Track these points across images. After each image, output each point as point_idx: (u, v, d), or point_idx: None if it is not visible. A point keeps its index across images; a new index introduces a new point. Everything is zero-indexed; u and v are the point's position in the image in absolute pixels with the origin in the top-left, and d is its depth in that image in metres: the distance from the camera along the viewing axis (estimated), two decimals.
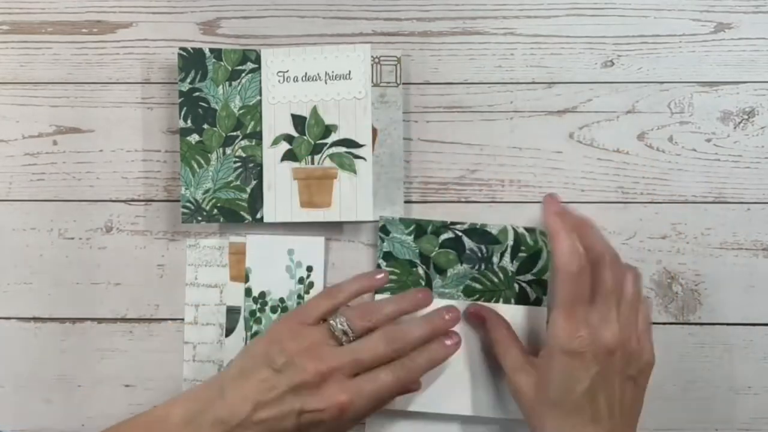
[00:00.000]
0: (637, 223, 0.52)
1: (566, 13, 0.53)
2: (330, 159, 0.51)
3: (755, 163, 0.52)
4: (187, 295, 0.52)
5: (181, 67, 0.51)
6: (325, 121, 0.51)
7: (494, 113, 0.52)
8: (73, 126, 0.53)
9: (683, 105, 0.52)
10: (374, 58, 0.52)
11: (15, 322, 0.52)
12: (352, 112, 0.51)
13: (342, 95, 0.51)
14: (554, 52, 0.52)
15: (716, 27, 0.52)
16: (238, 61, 0.51)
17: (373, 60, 0.51)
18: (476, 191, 0.52)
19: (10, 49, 0.53)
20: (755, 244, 0.52)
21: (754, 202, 0.52)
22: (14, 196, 0.53)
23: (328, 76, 0.51)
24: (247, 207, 0.51)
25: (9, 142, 0.53)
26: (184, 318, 0.52)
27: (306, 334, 0.45)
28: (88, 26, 0.53)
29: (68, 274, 0.52)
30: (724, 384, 0.51)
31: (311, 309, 0.47)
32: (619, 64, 0.52)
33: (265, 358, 0.44)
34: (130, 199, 0.53)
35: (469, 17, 0.53)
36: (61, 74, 0.53)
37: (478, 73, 0.52)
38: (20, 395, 0.52)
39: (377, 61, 0.52)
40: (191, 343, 0.52)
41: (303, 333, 0.45)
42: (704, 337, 0.52)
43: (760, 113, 0.52)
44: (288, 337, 0.45)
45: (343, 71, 0.51)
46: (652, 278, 0.52)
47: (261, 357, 0.44)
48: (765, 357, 0.51)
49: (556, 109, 0.52)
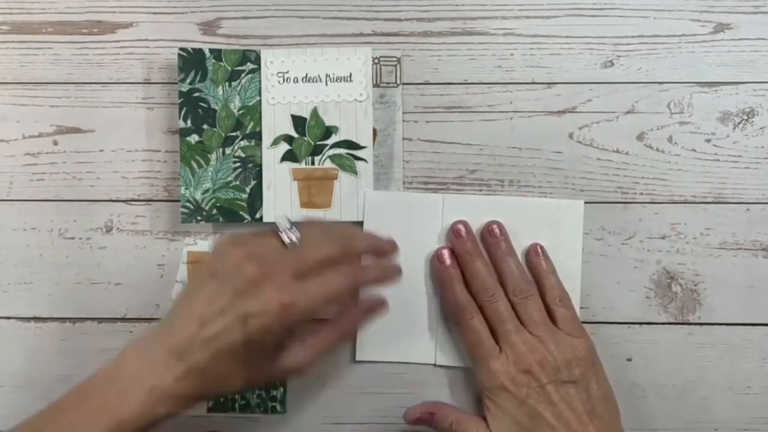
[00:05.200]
0: (637, 223, 0.52)
1: (566, 14, 0.53)
2: (330, 160, 0.51)
3: (755, 163, 0.52)
4: (174, 293, 0.52)
5: (181, 67, 0.51)
6: (325, 122, 0.51)
7: (494, 113, 0.52)
8: (74, 126, 0.53)
9: (683, 105, 0.52)
10: (374, 59, 0.52)
11: (15, 322, 0.53)
12: (353, 114, 0.51)
13: (343, 97, 0.51)
14: (554, 53, 0.52)
15: (716, 27, 0.52)
16: (237, 61, 0.51)
17: (373, 60, 0.51)
18: (476, 191, 0.52)
19: (10, 49, 0.53)
20: (755, 244, 0.52)
21: (754, 202, 0.52)
22: (14, 196, 0.53)
23: (328, 77, 0.51)
24: (246, 207, 0.51)
25: (9, 142, 0.53)
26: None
27: (250, 240, 0.43)
28: (89, 26, 0.53)
29: (68, 274, 0.52)
30: (724, 384, 0.51)
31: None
32: (619, 65, 0.52)
33: (210, 271, 0.42)
34: (131, 199, 0.53)
35: (469, 17, 0.53)
36: (61, 74, 0.53)
37: (477, 73, 0.53)
38: (20, 395, 0.52)
39: (377, 61, 0.52)
40: None
41: (247, 240, 0.43)
42: (704, 337, 0.52)
43: (759, 113, 0.52)
44: (231, 245, 0.42)
45: (344, 73, 0.51)
46: (652, 278, 0.52)
47: (206, 271, 0.42)
48: (765, 357, 0.51)
49: (555, 109, 0.52)
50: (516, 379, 0.45)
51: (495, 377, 0.46)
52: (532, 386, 0.45)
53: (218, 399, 0.51)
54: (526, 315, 0.47)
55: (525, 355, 0.45)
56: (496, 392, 0.46)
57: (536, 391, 0.45)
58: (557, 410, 0.44)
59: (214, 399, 0.51)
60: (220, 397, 0.50)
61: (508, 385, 0.45)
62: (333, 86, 0.51)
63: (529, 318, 0.47)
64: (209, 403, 0.51)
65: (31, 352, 0.52)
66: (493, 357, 0.46)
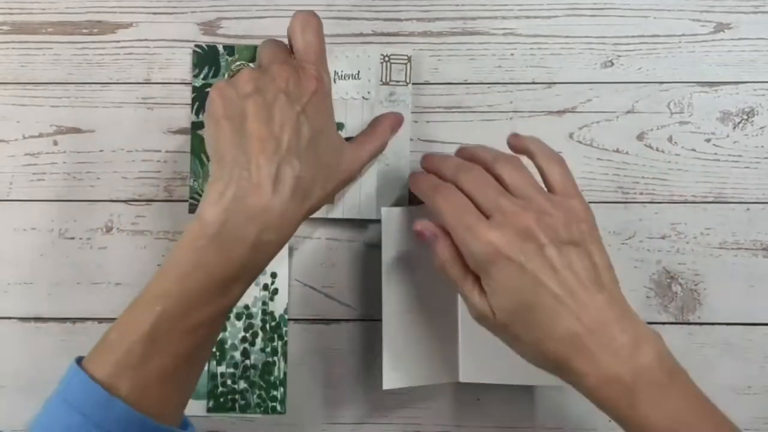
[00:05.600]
0: (637, 223, 0.52)
1: (566, 13, 0.53)
2: None
3: (755, 163, 0.52)
4: None
5: (196, 63, 0.52)
6: None
7: (494, 113, 0.52)
8: (74, 126, 0.53)
9: (683, 105, 0.52)
10: (384, 56, 0.51)
11: (15, 322, 0.52)
12: (359, 111, 0.51)
13: (350, 94, 0.51)
14: (554, 52, 0.52)
15: (716, 27, 0.52)
16: (250, 57, 0.52)
17: (383, 58, 0.51)
18: None
19: (10, 49, 0.53)
20: (755, 244, 0.52)
21: (754, 202, 0.52)
22: (14, 196, 0.53)
23: (336, 75, 0.51)
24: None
25: (9, 142, 0.53)
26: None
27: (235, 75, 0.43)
28: (89, 26, 0.53)
29: (68, 274, 0.52)
30: (724, 384, 0.51)
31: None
32: (619, 65, 0.52)
33: (235, 101, 0.41)
34: (131, 199, 0.53)
35: (469, 17, 0.53)
36: (61, 74, 0.53)
37: (478, 73, 0.53)
38: (20, 395, 0.52)
39: (387, 59, 0.52)
40: None
41: (231, 77, 0.44)
42: (704, 337, 0.52)
43: (759, 113, 0.52)
44: (227, 83, 0.42)
45: (352, 71, 0.51)
46: (652, 278, 0.52)
47: (231, 105, 0.41)
48: (765, 357, 0.51)
49: (555, 109, 0.52)
50: (511, 242, 0.39)
51: (487, 245, 0.39)
52: (530, 248, 0.39)
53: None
54: (509, 179, 0.42)
55: (518, 214, 0.39)
56: (490, 264, 0.39)
57: (536, 253, 0.39)
58: (560, 277, 0.39)
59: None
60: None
61: (503, 250, 0.39)
62: (340, 83, 0.51)
63: (512, 182, 0.41)
64: (209, 403, 0.51)
65: (31, 352, 0.52)
66: (481, 223, 0.40)
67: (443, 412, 0.52)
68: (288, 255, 0.52)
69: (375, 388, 0.52)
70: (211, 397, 0.51)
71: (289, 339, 0.52)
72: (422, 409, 0.52)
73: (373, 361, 0.52)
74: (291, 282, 0.52)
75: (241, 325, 0.52)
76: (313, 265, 0.52)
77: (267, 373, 0.51)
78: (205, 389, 0.51)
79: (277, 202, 0.39)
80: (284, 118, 0.41)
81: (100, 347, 0.40)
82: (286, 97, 0.41)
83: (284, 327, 0.52)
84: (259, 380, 0.51)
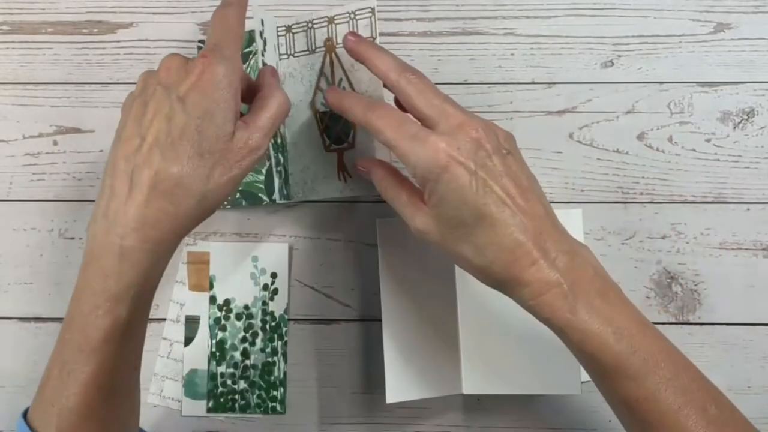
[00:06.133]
0: (637, 223, 0.52)
1: (566, 14, 0.53)
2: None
3: (755, 163, 0.52)
4: (174, 293, 0.52)
5: None
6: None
7: (494, 113, 0.52)
8: (74, 126, 0.53)
9: (683, 105, 0.52)
10: (349, 14, 0.48)
11: (15, 322, 0.53)
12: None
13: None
14: (554, 53, 0.52)
15: (716, 27, 0.52)
16: (245, 44, 0.51)
17: (350, 15, 0.48)
18: None
19: (10, 49, 0.53)
20: (755, 244, 0.52)
21: (754, 202, 0.52)
22: (14, 196, 0.53)
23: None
24: (264, 188, 0.51)
25: (9, 142, 0.53)
26: (167, 315, 0.52)
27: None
28: (89, 26, 0.53)
29: (68, 274, 0.52)
30: (724, 384, 0.51)
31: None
32: (619, 65, 0.52)
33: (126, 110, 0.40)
34: None
35: (469, 17, 0.53)
36: (61, 74, 0.53)
37: (477, 73, 0.53)
38: (20, 395, 0.52)
39: (352, 16, 0.48)
40: (169, 340, 0.52)
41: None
42: (704, 337, 0.52)
43: (759, 113, 0.52)
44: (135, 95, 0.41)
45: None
46: (652, 278, 0.52)
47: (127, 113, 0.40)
48: (765, 357, 0.51)
49: (555, 109, 0.52)
50: (464, 149, 0.38)
51: (438, 152, 0.38)
52: (480, 155, 0.38)
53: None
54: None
55: (467, 122, 0.39)
56: (442, 171, 0.38)
57: (485, 160, 0.38)
58: (503, 183, 0.38)
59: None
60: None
61: (456, 156, 0.38)
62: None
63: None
64: (209, 403, 0.51)
65: (31, 352, 0.52)
66: (426, 131, 0.39)
67: (443, 412, 0.52)
68: (288, 255, 0.52)
69: (375, 388, 0.52)
70: (211, 397, 0.51)
71: (289, 339, 0.52)
72: (422, 409, 0.52)
73: (373, 361, 0.52)
74: (291, 282, 0.52)
75: (241, 325, 0.52)
76: (313, 265, 0.52)
77: (267, 373, 0.51)
78: (205, 389, 0.51)
79: (132, 205, 0.37)
80: (156, 110, 0.38)
81: (36, 395, 0.41)
82: (162, 88, 0.39)
83: (284, 327, 0.52)
84: (259, 380, 0.51)
